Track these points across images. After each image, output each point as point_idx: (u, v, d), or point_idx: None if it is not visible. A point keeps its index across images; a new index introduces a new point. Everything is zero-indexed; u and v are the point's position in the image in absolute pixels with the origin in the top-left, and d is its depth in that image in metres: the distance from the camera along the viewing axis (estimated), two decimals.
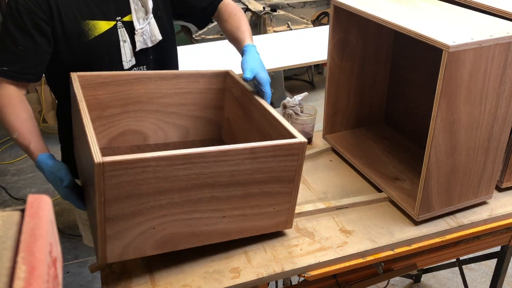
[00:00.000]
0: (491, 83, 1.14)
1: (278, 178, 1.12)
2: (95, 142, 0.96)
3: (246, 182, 1.08)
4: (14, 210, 0.37)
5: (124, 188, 0.95)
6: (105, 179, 0.91)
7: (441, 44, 1.06)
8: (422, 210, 1.25)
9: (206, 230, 1.10)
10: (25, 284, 0.30)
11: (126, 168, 0.93)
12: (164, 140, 1.49)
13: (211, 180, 1.04)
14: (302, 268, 1.16)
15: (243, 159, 1.05)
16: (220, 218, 1.11)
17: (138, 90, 1.38)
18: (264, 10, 3.96)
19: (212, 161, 1.01)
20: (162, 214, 1.03)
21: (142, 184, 0.96)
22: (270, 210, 1.16)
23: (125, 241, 1.02)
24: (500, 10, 1.28)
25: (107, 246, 1.00)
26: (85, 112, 1.08)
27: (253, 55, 1.36)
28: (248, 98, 1.35)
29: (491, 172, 1.30)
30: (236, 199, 1.10)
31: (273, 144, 1.07)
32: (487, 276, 2.43)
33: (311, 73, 4.63)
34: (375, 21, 1.27)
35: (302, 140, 1.10)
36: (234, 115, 1.46)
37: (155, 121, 1.45)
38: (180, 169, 0.99)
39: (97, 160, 0.89)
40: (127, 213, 0.98)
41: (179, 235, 1.08)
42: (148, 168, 0.95)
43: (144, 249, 1.06)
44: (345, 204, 1.36)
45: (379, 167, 1.50)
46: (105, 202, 0.94)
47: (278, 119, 1.19)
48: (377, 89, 1.69)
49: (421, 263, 1.38)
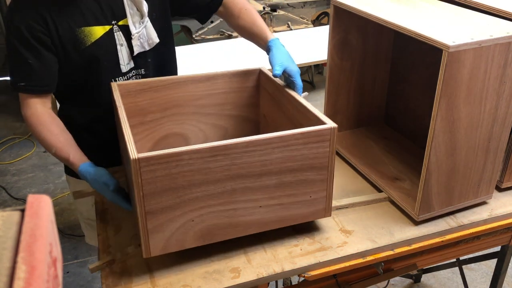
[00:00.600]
0: (491, 83, 1.14)
1: (311, 166, 1.13)
2: (131, 141, 1.02)
3: (278, 171, 1.10)
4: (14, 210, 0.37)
5: (160, 182, 1.01)
6: (141, 174, 0.98)
7: (441, 44, 1.06)
8: (422, 210, 1.25)
9: (243, 220, 1.13)
10: (25, 284, 0.30)
11: (161, 163, 0.99)
12: (204, 141, 1.53)
13: (244, 171, 1.07)
14: (302, 268, 1.16)
15: (273, 148, 1.07)
16: (257, 208, 1.13)
17: (175, 94, 1.42)
18: (264, 10, 3.96)
19: (243, 151, 1.05)
20: (199, 206, 1.07)
21: (177, 178, 1.01)
22: (306, 198, 1.17)
23: (166, 234, 1.07)
24: (500, 10, 1.28)
25: (150, 240, 1.05)
26: (124, 116, 1.14)
27: (280, 49, 1.38)
28: (281, 93, 1.37)
29: (491, 172, 1.30)
30: (271, 189, 1.12)
31: (302, 131, 1.09)
32: (487, 276, 2.43)
33: (311, 73, 4.63)
34: (375, 21, 1.27)
35: (332, 125, 1.11)
36: (269, 111, 1.49)
37: (194, 123, 1.49)
38: (212, 161, 1.03)
39: (133, 156, 0.97)
40: (166, 206, 1.03)
41: (217, 227, 1.11)
42: (182, 162, 1.00)
43: (185, 242, 1.10)
44: (345, 204, 1.36)
45: (379, 167, 1.50)
46: (144, 197, 1.00)
47: (308, 108, 1.21)
48: (377, 89, 1.69)
49: (421, 263, 1.38)
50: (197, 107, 1.47)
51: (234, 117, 1.54)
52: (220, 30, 3.96)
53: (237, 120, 1.55)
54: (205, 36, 3.91)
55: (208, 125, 1.51)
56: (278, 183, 1.12)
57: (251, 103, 1.53)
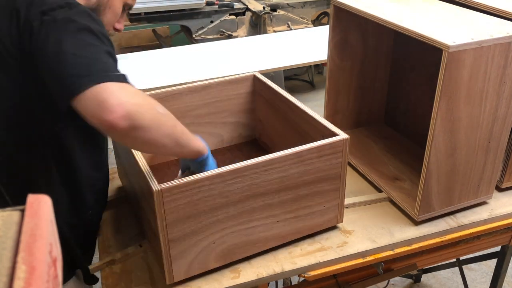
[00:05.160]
0: (491, 83, 1.14)
1: (325, 177, 1.15)
2: (149, 171, 1.00)
3: (295, 185, 1.12)
4: (14, 210, 0.37)
5: (183, 210, 1.00)
6: (164, 204, 0.96)
7: (441, 44, 1.06)
8: (422, 210, 1.25)
9: (262, 236, 1.14)
10: (25, 284, 0.30)
11: (183, 191, 0.98)
12: None
13: (262, 189, 1.08)
14: (302, 268, 1.16)
15: (290, 164, 1.08)
16: (275, 223, 1.14)
17: (171, 106, 1.40)
18: (264, 10, 3.96)
19: (261, 171, 1.05)
20: (220, 228, 1.07)
21: (198, 204, 1.01)
22: (320, 208, 1.19)
23: (188, 259, 1.07)
24: (500, 10, 1.28)
25: (173, 266, 1.05)
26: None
27: None
28: (279, 99, 1.38)
29: (491, 172, 1.30)
30: (288, 203, 1.13)
31: (317, 145, 1.10)
32: (487, 276, 2.43)
33: (311, 73, 4.63)
34: (375, 21, 1.27)
35: (344, 137, 1.13)
36: (266, 115, 1.50)
37: None
38: (232, 183, 1.03)
39: (155, 188, 0.94)
40: (188, 232, 1.03)
41: (237, 246, 1.12)
42: (203, 188, 1.00)
43: (207, 264, 1.10)
44: (345, 204, 1.36)
45: (379, 167, 1.50)
46: (167, 226, 0.99)
47: (316, 118, 1.22)
48: (377, 89, 1.69)
49: (421, 263, 1.38)
50: (193, 117, 1.46)
51: (230, 124, 1.54)
52: (220, 30, 3.97)
53: (234, 126, 1.55)
54: (205, 36, 3.92)
55: (205, 134, 1.50)
56: (295, 197, 1.13)
57: (246, 109, 1.53)
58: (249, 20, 4.04)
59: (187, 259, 1.06)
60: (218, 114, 1.50)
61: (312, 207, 1.17)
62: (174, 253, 1.04)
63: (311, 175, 1.12)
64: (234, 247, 1.12)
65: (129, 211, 1.35)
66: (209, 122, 1.50)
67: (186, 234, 1.03)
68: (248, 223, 1.10)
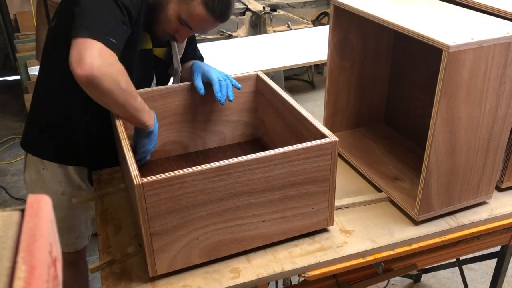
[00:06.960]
0: (491, 83, 1.14)
1: (313, 179, 1.14)
2: (133, 165, 1.01)
3: (281, 186, 1.11)
4: (14, 210, 0.37)
5: (164, 205, 1.01)
6: (146, 198, 0.98)
7: (441, 44, 1.06)
8: (422, 210, 1.25)
9: (248, 235, 1.14)
10: (25, 284, 0.30)
11: (164, 186, 0.98)
12: (203, 147, 1.55)
13: (247, 188, 1.07)
14: (302, 268, 1.16)
15: (276, 164, 1.07)
16: (260, 222, 1.14)
17: (173, 103, 1.43)
18: (264, 10, 3.96)
19: (246, 170, 1.05)
20: (204, 225, 1.07)
21: (181, 199, 1.01)
22: (309, 210, 1.18)
23: (171, 253, 1.07)
24: (500, 10, 1.28)
25: (156, 260, 1.06)
26: (124, 137, 1.14)
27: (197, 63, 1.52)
28: (278, 99, 1.38)
29: (491, 172, 1.30)
30: (274, 203, 1.12)
31: (304, 146, 1.09)
32: (487, 276, 2.43)
33: (311, 73, 4.63)
34: (375, 21, 1.27)
35: (333, 139, 1.11)
36: (267, 115, 1.50)
37: (192, 130, 1.50)
38: (215, 180, 1.03)
39: (136, 182, 0.96)
40: (171, 227, 1.03)
41: (222, 243, 1.12)
42: (185, 184, 1.00)
43: (191, 259, 1.11)
44: (345, 204, 1.36)
45: (379, 167, 1.50)
46: (149, 220, 1.00)
47: (309, 119, 1.22)
48: (377, 89, 1.69)
49: (421, 263, 1.38)
50: (195, 114, 1.47)
51: (232, 122, 1.54)
52: (220, 30, 3.96)
53: (236, 125, 1.55)
54: (205, 36, 3.91)
55: (207, 131, 1.52)
56: (281, 198, 1.13)
57: (249, 108, 1.54)
58: (249, 20, 4.04)
59: (170, 253, 1.07)
60: (220, 111, 1.51)
61: (299, 209, 1.16)
62: (156, 246, 1.04)
63: (298, 176, 1.11)
64: (219, 244, 1.11)
65: (129, 211, 1.35)
66: (211, 119, 1.51)
67: (169, 228, 1.03)
68: (233, 221, 1.10)
